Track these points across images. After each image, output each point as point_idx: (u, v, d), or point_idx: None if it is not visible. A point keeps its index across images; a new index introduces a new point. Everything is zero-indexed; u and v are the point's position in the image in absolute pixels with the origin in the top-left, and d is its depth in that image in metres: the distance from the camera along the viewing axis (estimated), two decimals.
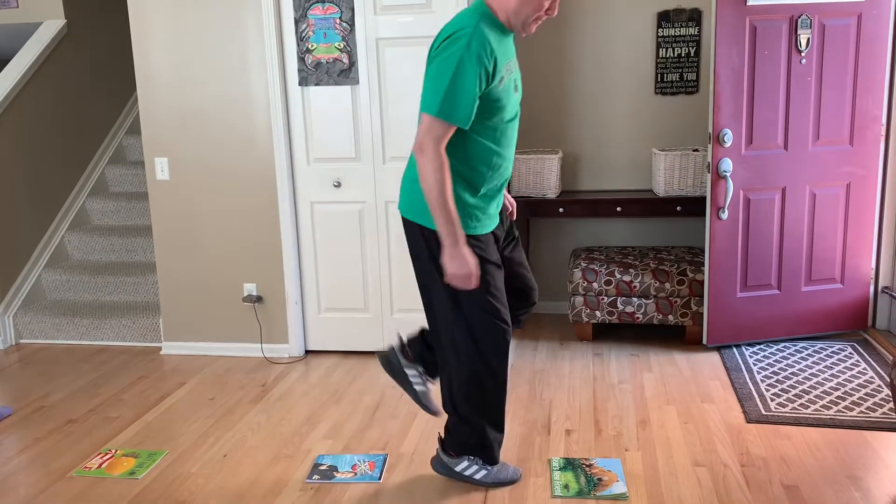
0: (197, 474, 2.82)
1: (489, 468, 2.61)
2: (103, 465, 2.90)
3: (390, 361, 2.71)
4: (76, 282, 4.66)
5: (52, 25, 4.97)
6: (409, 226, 2.48)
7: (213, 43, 3.80)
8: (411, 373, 2.70)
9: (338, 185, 3.84)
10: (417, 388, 2.69)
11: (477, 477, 2.61)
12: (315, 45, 3.70)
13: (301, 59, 3.73)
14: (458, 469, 2.62)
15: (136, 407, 3.46)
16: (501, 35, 2.30)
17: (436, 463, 2.68)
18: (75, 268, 4.75)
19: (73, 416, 3.38)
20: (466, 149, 2.33)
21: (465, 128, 2.25)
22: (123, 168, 5.35)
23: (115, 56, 5.50)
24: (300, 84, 3.76)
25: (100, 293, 4.65)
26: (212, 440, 3.09)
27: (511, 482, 2.64)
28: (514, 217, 2.76)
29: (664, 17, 4.24)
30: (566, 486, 2.61)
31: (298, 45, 3.72)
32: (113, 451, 3.02)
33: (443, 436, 2.67)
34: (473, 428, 2.55)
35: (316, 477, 2.75)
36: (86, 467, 2.89)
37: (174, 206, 4.00)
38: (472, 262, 2.28)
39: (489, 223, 2.47)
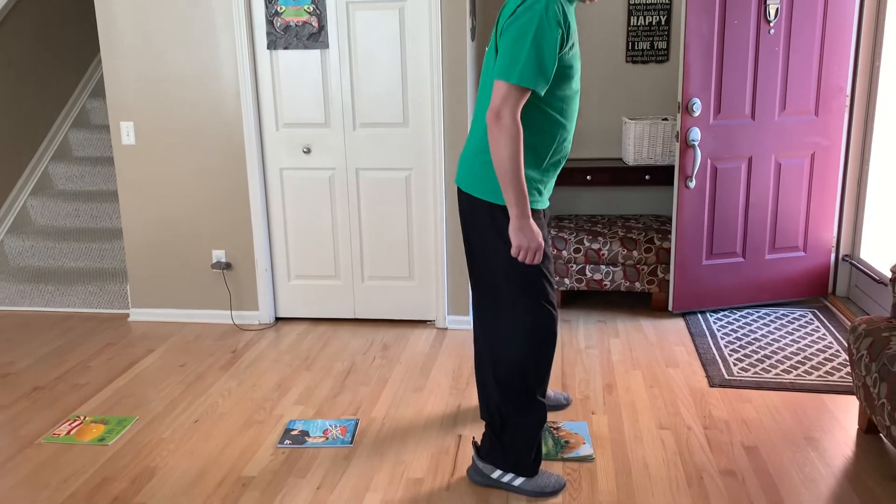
0: (168, 440, 2.82)
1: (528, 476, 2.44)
2: (72, 432, 2.89)
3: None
4: (40, 248, 4.58)
5: None
6: (475, 203, 2.32)
7: (179, 5, 3.72)
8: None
9: (307, 151, 3.81)
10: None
11: (515, 484, 2.42)
12: (284, 8, 3.64)
13: (270, 22, 3.67)
14: (494, 476, 2.45)
15: (104, 374, 3.44)
16: (569, 1, 2.23)
17: (471, 471, 2.50)
18: (39, 233, 4.67)
19: (40, 384, 3.35)
20: (535, 119, 2.24)
21: (541, 93, 2.16)
22: (87, 132, 5.24)
23: (76, 16, 5.35)
24: (268, 48, 3.70)
25: (65, 259, 4.58)
26: (182, 406, 3.09)
27: (554, 492, 2.41)
28: None
29: (634, 5, 4.24)
30: None
31: (267, 7, 3.65)
32: (81, 417, 3.01)
33: (478, 442, 2.52)
34: (514, 432, 2.41)
35: (287, 442, 2.77)
36: (54, 434, 2.88)
37: (140, 171, 3.94)
38: (539, 234, 2.20)
39: (545, 199, 2.38)
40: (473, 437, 2.65)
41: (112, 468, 2.63)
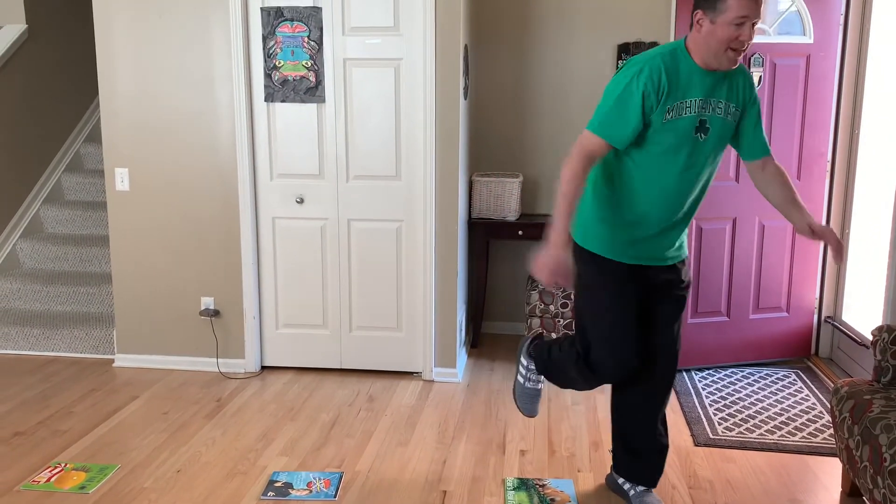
0: (150, 489, 2.79)
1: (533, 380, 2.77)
2: (52, 479, 2.85)
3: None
4: (27, 290, 4.57)
5: (12, 30, 4.91)
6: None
7: (178, 55, 3.80)
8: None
9: (300, 201, 3.85)
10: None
11: (519, 378, 2.80)
12: (282, 63, 3.73)
13: (268, 76, 3.75)
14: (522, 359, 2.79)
15: (87, 420, 3.40)
16: (692, 72, 2.28)
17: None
18: (27, 276, 4.66)
19: (21, 429, 3.31)
20: (615, 173, 2.42)
21: (619, 147, 2.32)
22: (80, 176, 5.27)
23: (75, 63, 5.44)
24: (266, 100, 3.78)
25: (52, 303, 4.56)
26: (165, 455, 3.06)
27: (524, 410, 2.81)
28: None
29: (624, 49, 4.37)
30: None
31: (266, 61, 3.74)
32: (62, 464, 2.97)
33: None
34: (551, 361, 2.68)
35: (271, 494, 2.75)
36: (34, 481, 2.84)
37: (133, 217, 3.97)
38: (556, 260, 2.29)
39: (623, 253, 2.44)
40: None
41: None
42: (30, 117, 5.00)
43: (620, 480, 2.68)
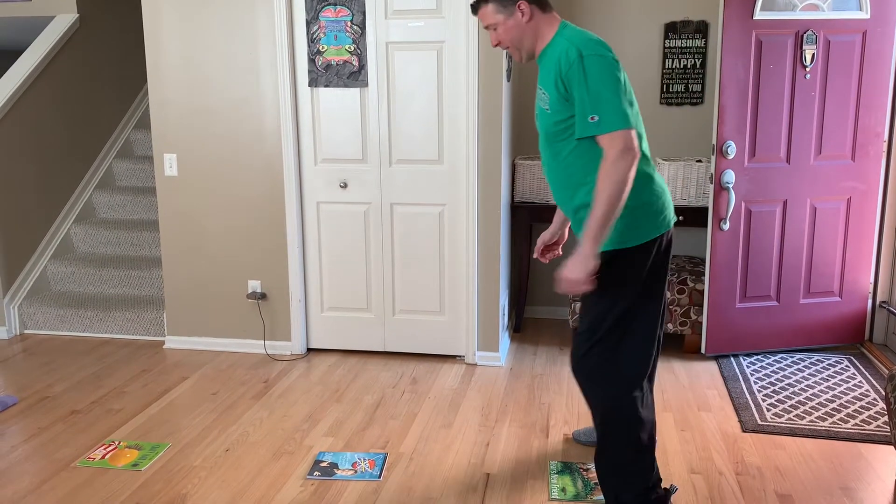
0: (199, 468, 2.85)
1: None
2: (106, 457, 2.94)
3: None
4: (81, 274, 4.70)
5: (64, 19, 5.02)
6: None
7: (224, 42, 3.85)
8: None
9: (344, 185, 3.88)
10: None
11: None
12: (326, 47, 3.74)
13: (311, 61, 3.77)
14: None
15: (139, 400, 3.50)
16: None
17: None
18: (80, 260, 4.79)
19: (77, 407, 3.42)
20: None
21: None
22: (130, 162, 5.39)
23: (125, 51, 5.55)
24: (310, 85, 3.80)
25: (104, 286, 4.69)
26: (214, 434, 3.13)
27: None
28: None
29: (671, 29, 4.28)
30: (563, 490, 2.65)
31: (309, 46, 3.76)
32: (116, 442, 3.06)
33: None
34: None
35: (317, 473, 2.79)
36: (89, 458, 2.93)
37: (182, 202, 4.05)
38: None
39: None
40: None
41: (144, 494, 2.67)
42: (82, 105, 5.12)
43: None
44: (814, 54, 3.69)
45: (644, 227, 2.26)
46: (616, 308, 2.27)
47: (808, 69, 3.70)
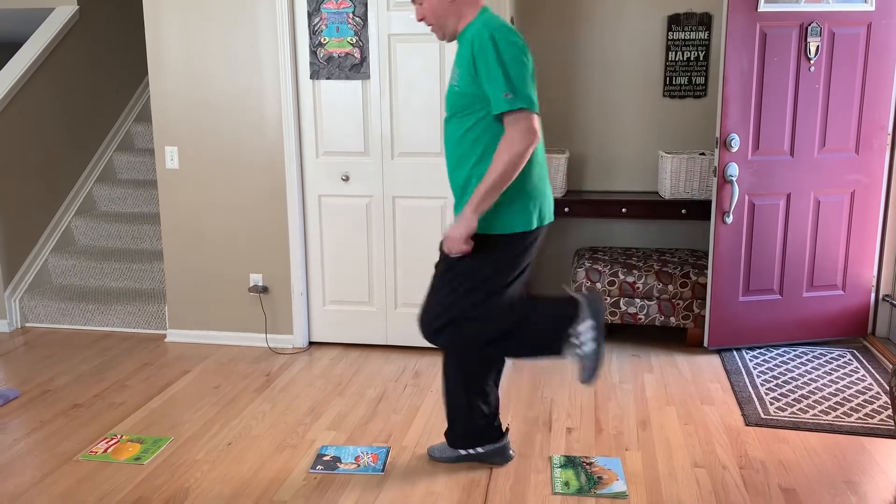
0: (202, 461, 2.85)
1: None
2: (109, 450, 2.93)
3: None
4: (82, 267, 4.69)
5: (64, 11, 4.99)
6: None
7: (225, 34, 3.82)
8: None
9: (346, 178, 3.86)
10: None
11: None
12: (327, 39, 3.72)
13: (313, 53, 3.75)
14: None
15: (141, 393, 3.49)
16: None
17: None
18: (81, 253, 4.78)
19: (79, 401, 3.41)
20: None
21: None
22: (131, 155, 5.37)
23: (125, 43, 5.52)
24: (311, 77, 3.78)
25: (105, 279, 4.68)
26: (216, 428, 3.13)
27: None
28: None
29: (674, 21, 4.26)
30: (566, 484, 2.65)
31: (311, 38, 3.74)
32: (118, 436, 3.06)
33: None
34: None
35: (319, 467, 2.79)
36: (92, 451, 2.92)
37: (183, 194, 4.03)
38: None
39: None
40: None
41: (147, 488, 2.67)
42: (82, 98, 5.10)
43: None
44: (818, 46, 3.67)
45: (517, 218, 2.37)
46: (478, 293, 2.40)
47: (812, 61, 3.68)
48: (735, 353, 3.87)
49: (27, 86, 4.60)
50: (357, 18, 3.68)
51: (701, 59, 4.28)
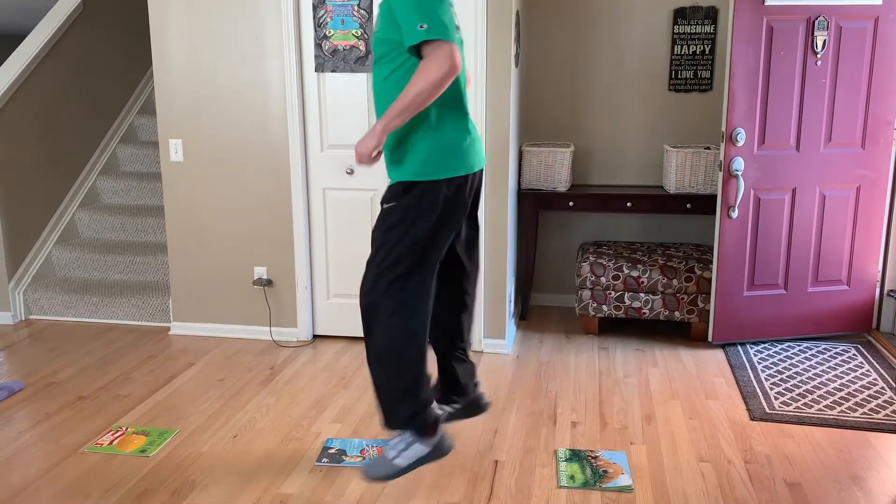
0: (207, 454, 2.85)
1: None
2: (114, 442, 2.94)
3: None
4: (86, 260, 4.69)
5: (67, 2, 4.97)
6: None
7: (230, 27, 3.81)
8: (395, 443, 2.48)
9: (350, 172, 3.86)
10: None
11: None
12: (332, 32, 3.71)
13: (318, 46, 3.74)
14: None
15: (145, 386, 3.49)
16: None
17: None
18: (85, 246, 4.78)
19: (84, 393, 3.42)
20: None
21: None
22: (135, 148, 5.36)
23: (129, 35, 5.51)
24: (316, 70, 3.77)
25: (109, 272, 4.68)
26: (221, 421, 3.13)
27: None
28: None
29: (680, 14, 4.24)
30: (572, 477, 2.65)
31: (316, 31, 3.73)
32: (124, 428, 3.06)
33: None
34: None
35: (325, 460, 2.79)
36: (97, 444, 2.93)
37: (187, 187, 4.03)
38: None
39: None
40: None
41: (153, 480, 2.67)
42: (85, 90, 5.09)
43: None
44: (825, 41, 3.65)
45: (445, 163, 2.31)
46: (406, 239, 2.30)
47: (819, 56, 3.67)
48: (739, 347, 3.87)
49: (31, 78, 4.59)
50: (362, 11, 3.67)
51: (707, 52, 4.26)
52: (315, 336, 4.10)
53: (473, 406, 2.73)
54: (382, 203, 2.39)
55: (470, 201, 2.45)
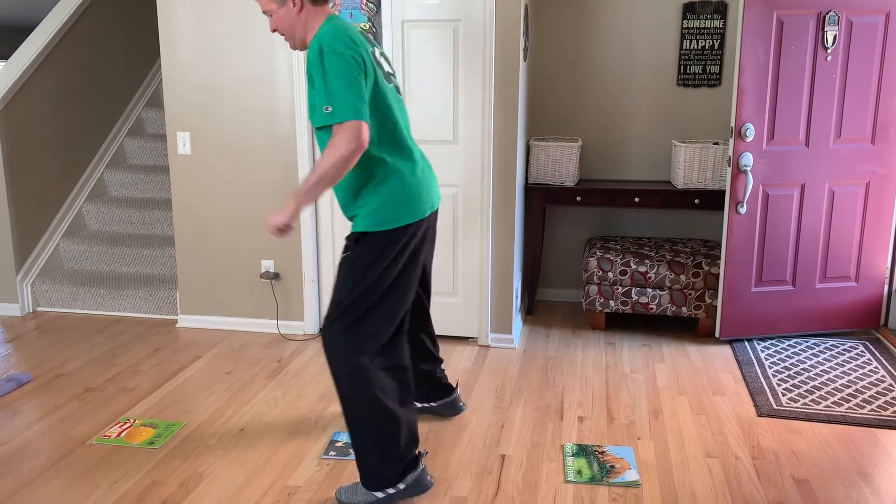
0: (215, 446, 2.86)
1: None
2: (122, 434, 2.95)
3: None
4: (93, 252, 4.70)
5: None
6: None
7: (238, 20, 3.81)
8: None
9: None
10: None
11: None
12: None
13: None
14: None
15: (153, 378, 3.50)
16: None
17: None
18: (93, 238, 4.79)
19: (92, 385, 3.43)
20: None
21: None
22: (142, 140, 5.37)
23: (136, 28, 5.51)
24: None
25: (117, 264, 4.69)
26: (229, 413, 3.14)
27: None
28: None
29: (689, 9, 4.22)
30: (579, 472, 2.65)
31: None
32: (131, 420, 3.07)
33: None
34: None
35: (332, 453, 2.79)
36: (105, 435, 2.94)
37: (195, 180, 4.03)
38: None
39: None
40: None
41: (161, 472, 2.68)
42: (92, 82, 5.10)
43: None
44: (836, 36, 3.63)
45: (395, 213, 2.39)
46: (360, 285, 2.39)
47: (829, 51, 3.65)
48: (747, 343, 3.86)
49: (38, 71, 4.59)
50: (370, 4, 3.66)
51: (716, 47, 4.24)
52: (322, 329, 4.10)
53: (451, 407, 3.09)
54: (342, 253, 2.49)
55: (428, 241, 2.57)
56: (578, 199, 4.18)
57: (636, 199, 4.13)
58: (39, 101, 4.61)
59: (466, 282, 3.88)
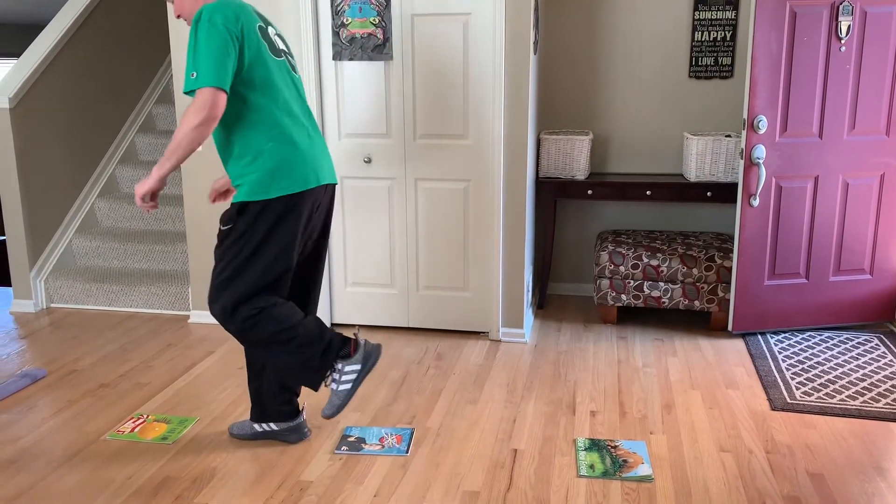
0: (228, 442, 2.87)
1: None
2: (136, 430, 2.96)
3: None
4: (106, 248, 4.72)
5: None
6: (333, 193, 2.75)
7: None
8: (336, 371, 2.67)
9: (368, 160, 3.85)
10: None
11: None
12: (350, 20, 3.70)
13: (335, 34, 3.73)
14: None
15: (165, 374, 3.52)
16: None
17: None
18: (105, 234, 4.81)
19: (105, 381, 3.45)
20: None
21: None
22: (153, 137, 5.38)
23: (146, 24, 5.52)
24: (334, 58, 3.76)
25: (129, 260, 4.71)
26: (242, 409, 3.14)
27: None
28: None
29: (701, 0, 4.19)
30: (591, 467, 2.64)
31: (333, 19, 3.71)
32: (145, 416, 3.08)
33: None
34: None
35: (344, 448, 2.80)
36: (119, 431, 2.95)
37: (206, 176, 4.03)
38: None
39: None
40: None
41: (174, 467, 2.69)
42: (103, 79, 5.11)
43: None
44: (849, 26, 3.59)
45: (276, 183, 2.44)
46: (241, 254, 2.47)
47: (843, 41, 3.61)
48: (760, 337, 3.84)
49: (50, 68, 4.61)
50: None
51: (728, 39, 4.21)
52: (333, 324, 4.11)
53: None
54: (220, 224, 2.54)
55: (315, 217, 2.61)
56: (590, 192, 4.16)
57: (648, 193, 4.11)
58: (51, 99, 4.63)
59: (477, 276, 3.88)
